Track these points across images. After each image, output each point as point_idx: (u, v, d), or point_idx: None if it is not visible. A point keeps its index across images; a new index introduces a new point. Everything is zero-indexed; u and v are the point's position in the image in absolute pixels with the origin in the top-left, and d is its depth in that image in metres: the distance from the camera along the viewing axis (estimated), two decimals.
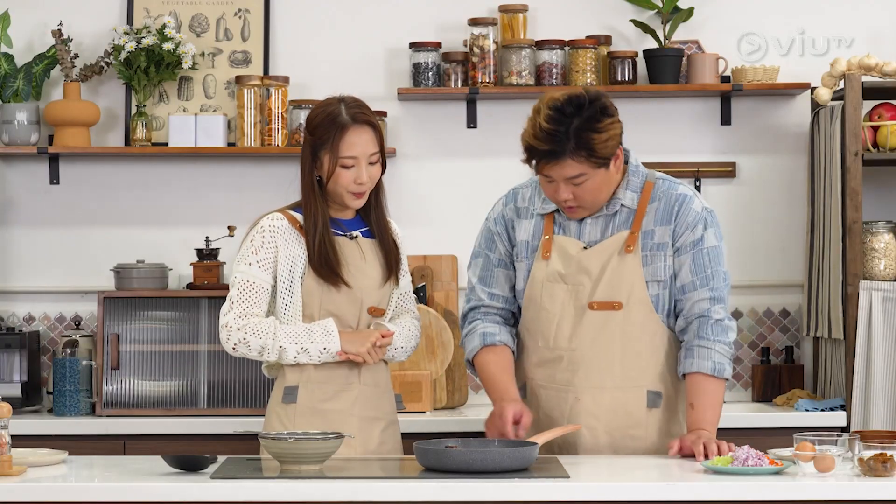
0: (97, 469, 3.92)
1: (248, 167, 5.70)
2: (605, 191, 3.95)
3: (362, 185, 4.07)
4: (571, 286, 3.99)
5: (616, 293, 3.96)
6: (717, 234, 4.01)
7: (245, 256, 4.10)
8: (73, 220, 5.69)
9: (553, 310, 4.00)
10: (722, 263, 4.01)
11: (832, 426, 5.14)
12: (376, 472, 3.74)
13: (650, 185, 4.02)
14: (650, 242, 3.98)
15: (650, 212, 3.99)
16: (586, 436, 4.00)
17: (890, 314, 5.22)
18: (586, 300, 3.98)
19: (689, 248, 3.97)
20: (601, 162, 3.87)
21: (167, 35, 5.53)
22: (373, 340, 4.07)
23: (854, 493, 3.49)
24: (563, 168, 3.87)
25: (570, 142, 3.83)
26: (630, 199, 4.00)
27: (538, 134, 3.85)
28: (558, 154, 3.84)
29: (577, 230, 4.02)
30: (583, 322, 3.98)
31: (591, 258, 3.98)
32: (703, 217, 3.99)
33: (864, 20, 5.72)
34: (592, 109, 3.85)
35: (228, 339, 4.07)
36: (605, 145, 3.85)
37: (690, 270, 3.97)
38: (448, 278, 5.63)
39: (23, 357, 5.41)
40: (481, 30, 5.56)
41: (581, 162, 3.85)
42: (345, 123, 4.05)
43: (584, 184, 3.89)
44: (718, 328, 3.97)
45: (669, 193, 4.01)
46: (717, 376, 3.94)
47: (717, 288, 3.99)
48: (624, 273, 3.96)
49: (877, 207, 5.64)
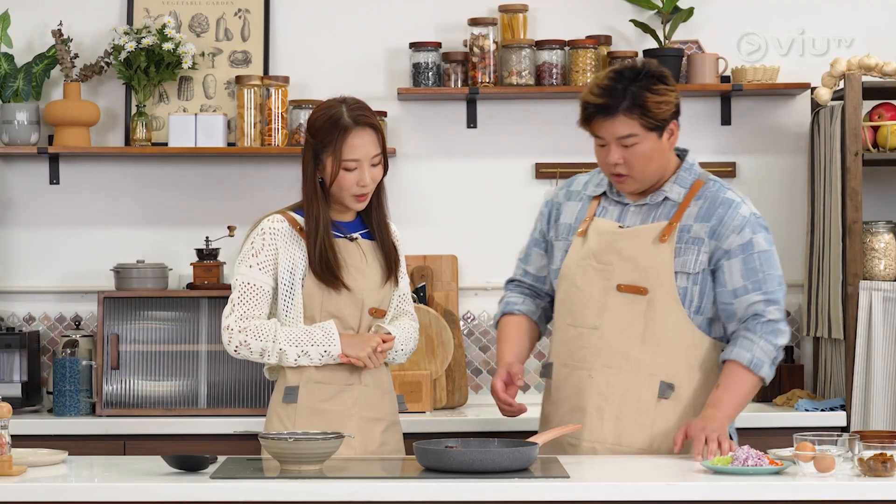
0: (97, 469, 3.92)
1: (248, 167, 5.70)
2: (655, 162, 3.98)
3: (365, 188, 4.07)
4: (602, 265, 4.02)
5: (644, 278, 3.97)
6: (766, 238, 4.00)
7: (246, 259, 4.10)
8: (73, 220, 5.69)
9: (583, 288, 4.04)
10: (774, 267, 4.00)
11: (832, 426, 5.14)
12: (376, 472, 3.74)
13: (699, 184, 4.05)
14: (686, 236, 3.99)
15: (692, 207, 4.01)
16: (593, 415, 4.01)
17: (890, 314, 5.22)
18: (615, 281, 4.00)
19: (738, 252, 3.96)
20: (653, 124, 3.93)
21: (167, 35, 5.53)
22: (373, 345, 4.08)
23: (854, 493, 3.50)
24: (614, 125, 3.93)
25: (626, 100, 3.92)
26: (676, 194, 4.03)
27: (594, 90, 3.96)
28: (611, 109, 3.92)
29: (619, 215, 4.07)
30: (608, 302, 4.00)
31: (624, 240, 4.01)
32: (751, 221, 3.99)
33: (864, 20, 5.72)
34: (651, 75, 3.96)
35: (230, 342, 4.07)
36: (659, 107, 3.93)
37: (742, 275, 3.96)
38: (448, 278, 5.63)
39: (23, 357, 5.41)
40: (481, 30, 5.56)
41: (633, 120, 3.92)
42: (347, 126, 4.05)
43: (634, 147, 3.94)
44: (769, 327, 3.95)
45: (717, 195, 4.02)
46: (753, 370, 3.93)
47: (770, 291, 3.97)
48: (654, 260, 3.97)
49: (877, 207, 5.64)
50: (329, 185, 4.07)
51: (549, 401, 4.15)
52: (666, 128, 3.97)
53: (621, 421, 3.99)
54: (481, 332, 5.69)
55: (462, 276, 5.68)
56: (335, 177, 4.05)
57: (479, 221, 5.72)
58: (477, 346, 5.69)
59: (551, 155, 5.71)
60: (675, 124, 4.01)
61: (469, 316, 5.69)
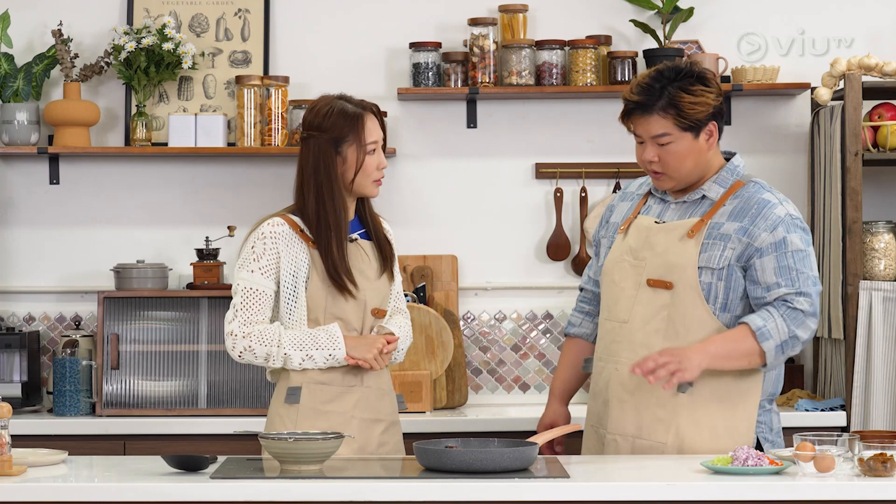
0: (97, 469, 3.92)
1: (248, 167, 5.70)
2: (691, 161, 4.00)
3: (383, 170, 4.11)
4: (638, 261, 4.05)
5: (670, 273, 3.99)
6: (803, 239, 3.99)
7: (247, 263, 4.10)
8: (73, 220, 5.69)
9: (619, 282, 4.08)
10: (809, 267, 3.97)
11: (832, 426, 5.14)
12: (376, 472, 3.74)
13: (739, 184, 4.06)
14: (715, 232, 4.00)
15: (727, 205, 4.03)
16: (616, 408, 4.03)
17: (890, 314, 5.22)
18: (646, 276, 4.03)
19: (770, 249, 3.95)
20: (687, 124, 3.96)
21: (167, 35, 5.53)
22: (379, 347, 4.08)
23: (854, 493, 3.50)
24: (649, 124, 3.97)
25: (661, 99, 3.96)
26: (715, 192, 4.05)
27: (634, 88, 4.01)
28: (647, 107, 3.97)
29: (660, 212, 4.10)
30: (639, 297, 4.03)
31: (658, 235, 4.04)
32: (786, 221, 3.97)
33: (864, 20, 5.72)
34: (690, 75, 3.99)
35: (234, 347, 4.07)
36: (694, 108, 3.96)
37: (775, 272, 3.95)
38: (448, 278, 5.63)
39: (23, 357, 5.41)
40: (481, 30, 5.56)
41: (668, 119, 3.96)
42: (359, 112, 4.09)
43: (669, 146, 3.98)
44: (792, 314, 3.93)
45: (753, 195, 4.03)
46: (757, 337, 3.90)
47: (804, 287, 3.95)
48: (681, 255, 3.99)
49: (877, 207, 5.64)
50: (353, 174, 4.08)
51: (590, 394, 4.20)
52: (703, 128, 3.99)
53: (641, 413, 4.00)
54: (481, 332, 5.69)
55: (462, 276, 5.68)
56: (361, 163, 4.07)
57: (479, 221, 5.72)
58: (477, 347, 5.68)
59: (551, 155, 5.71)
60: (715, 126, 4.02)
61: (469, 316, 5.69)
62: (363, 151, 4.07)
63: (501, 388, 5.67)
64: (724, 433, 3.98)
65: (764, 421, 4.07)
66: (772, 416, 4.10)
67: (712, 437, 3.97)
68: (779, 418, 4.13)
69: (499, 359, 5.69)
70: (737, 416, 3.99)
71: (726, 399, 3.98)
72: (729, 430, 3.98)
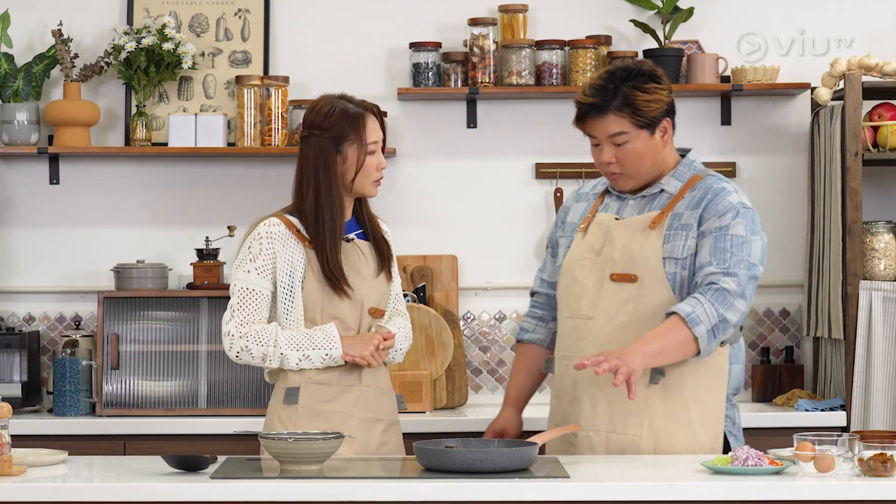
0: (97, 469, 3.92)
1: (248, 167, 5.70)
2: (648, 159, 4.03)
3: (383, 170, 4.11)
4: (600, 258, 4.06)
5: (633, 266, 4.00)
6: (748, 227, 3.99)
7: (243, 263, 4.10)
8: (73, 220, 5.69)
9: (580, 279, 4.08)
10: (747, 253, 3.96)
11: (832, 426, 5.14)
12: (376, 472, 3.74)
13: (696, 178, 4.08)
14: (676, 223, 4.02)
15: (686, 197, 4.05)
16: (587, 404, 4.03)
17: (890, 314, 5.22)
18: (609, 271, 4.03)
19: (712, 232, 3.98)
20: (643, 122, 3.98)
21: (167, 35, 5.53)
22: (375, 344, 4.08)
23: (854, 493, 3.50)
24: (605, 124, 3.99)
25: (616, 98, 3.98)
26: (673, 187, 4.08)
27: (587, 90, 4.03)
28: (602, 108, 3.99)
29: (618, 208, 4.12)
30: (602, 292, 4.03)
31: (619, 230, 4.05)
32: (736, 208, 3.99)
33: (864, 20, 5.72)
34: (642, 73, 4.02)
35: (231, 348, 4.08)
36: (649, 105, 3.98)
37: (710, 252, 3.96)
38: (448, 278, 5.63)
39: (23, 357, 5.41)
40: (481, 30, 5.56)
41: (623, 118, 3.98)
42: (361, 112, 4.10)
43: (625, 145, 4.00)
44: (720, 296, 3.91)
45: (710, 185, 4.05)
46: (688, 324, 3.87)
47: (732, 268, 3.94)
48: (644, 247, 4.00)
49: (877, 207, 5.64)
50: (353, 174, 4.08)
51: (553, 394, 4.19)
52: (658, 126, 4.02)
53: (614, 408, 4.00)
54: (481, 332, 5.69)
55: (462, 276, 5.68)
56: (362, 163, 4.07)
57: (479, 221, 5.72)
58: (477, 347, 5.69)
59: (551, 155, 5.71)
60: (669, 122, 4.05)
61: (469, 316, 5.69)
62: (364, 151, 4.08)
63: (501, 388, 5.67)
64: (699, 425, 3.99)
65: (729, 415, 4.08)
66: (735, 411, 4.12)
67: (687, 429, 3.98)
68: (739, 414, 4.14)
69: (499, 359, 5.69)
70: (709, 408, 4.00)
71: (698, 391, 3.98)
72: (702, 421, 3.99)
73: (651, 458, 3.91)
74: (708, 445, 4.00)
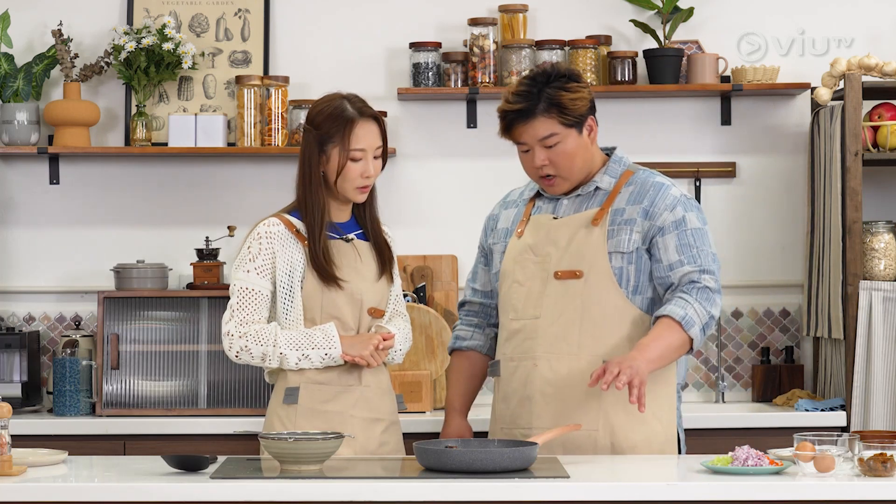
0: (97, 469, 3.92)
1: (248, 167, 5.70)
2: (580, 158, 4.06)
3: (369, 179, 4.10)
4: (540, 257, 4.08)
5: (578, 262, 4.02)
6: (699, 217, 4.06)
7: (243, 263, 4.11)
8: (73, 220, 5.69)
9: (523, 281, 4.10)
10: (708, 244, 4.05)
11: (832, 426, 5.14)
12: (376, 472, 3.74)
13: (629, 173, 4.12)
14: (618, 218, 4.05)
15: (623, 193, 4.09)
16: (539, 402, 4.04)
17: (890, 314, 5.22)
18: (552, 269, 4.05)
19: (671, 228, 4.02)
20: (571, 121, 4.02)
21: (167, 35, 5.53)
22: (375, 344, 4.08)
23: (854, 493, 3.50)
24: (534, 128, 4.02)
25: (542, 102, 4.01)
26: (607, 183, 4.11)
27: (509, 98, 4.05)
28: (529, 112, 4.01)
29: (554, 209, 4.14)
30: (547, 290, 4.05)
31: (560, 229, 4.08)
32: (682, 200, 4.05)
33: (864, 20, 5.72)
34: (561, 75, 4.04)
35: (231, 348, 4.08)
36: (574, 104, 4.01)
37: (676, 250, 4.01)
38: (448, 278, 5.63)
39: (23, 357, 5.41)
40: (481, 30, 5.56)
41: (552, 119, 4.01)
42: (353, 117, 4.08)
43: (556, 147, 4.02)
44: (704, 294, 3.98)
45: (646, 180, 4.10)
46: (684, 327, 3.92)
47: (705, 264, 4.01)
48: (588, 244, 4.03)
49: (877, 207, 5.64)
50: (335, 177, 4.08)
51: (498, 398, 4.20)
52: (584, 123, 4.05)
53: (568, 405, 4.01)
54: None
55: (462, 276, 5.68)
56: (342, 168, 4.07)
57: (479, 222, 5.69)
58: None
59: None
60: (593, 119, 4.08)
61: None
62: (346, 156, 4.07)
63: None
64: (652, 417, 4.00)
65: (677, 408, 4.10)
66: (681, 406, 4.15)
67: (640, 421, 3.98)
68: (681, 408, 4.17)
69: None
70: (661, 400, 4.02)
71: (649, 383, 3.96)
72: (655, 413, 4.00)
73: (651, 458, 3.92)
74: (663, 436, 4.02)
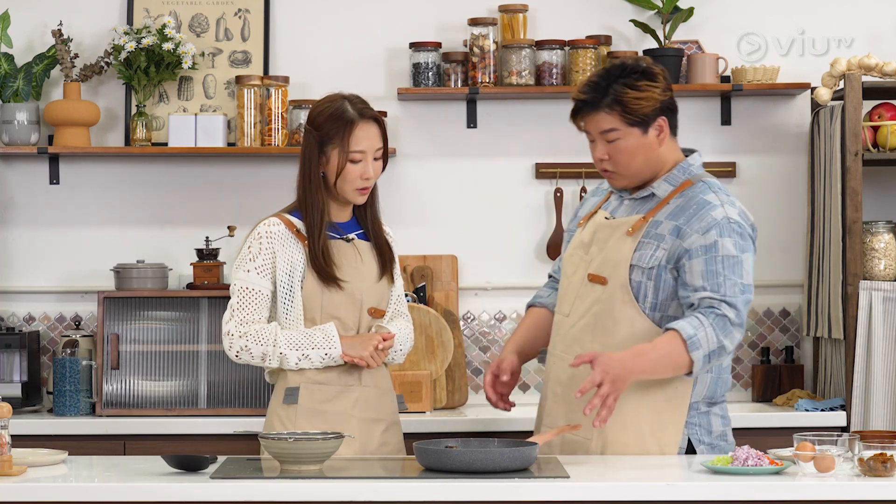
0: (97, 469, 3.92)
1: (248, 167, 5.70)
2: (641, 158, 3.99)
3: (368, 180, 4.10)
4: (586, 256, 4.06)
5: (606, 268, 3.99)
6: (737, 244, 3.90)
7: (243, 263, 4.11)
8: (73, 220, 5.69)
9: (570, 276, 4.09)
10: (739, 274, 3.89)
11: (832, 426, 5.14)
12: (376, 472, 3.74)
13: (687, 183, 4.02)
14: (653, 231, 3.97)
15: (671, 204, 3.99)
16: (550, 400, 4.07)
17: (890, 314, 5.22)
18: (587, 270, 4.03)
19: (699, 252, 3.89)
20: (634, 120, 3.96)
21: (167, 35, 5.53)
22: (374, 344, 4.08)
23: (854, 493, 3.50)
24: (597, 121, 3.99)
25: (608, 96, 3.96)
26: (663, 190, 4.02)
27: (581, 87, 4.03)
28: (593, 104, 3.98)
29: (615, 208, 4.10)
30: (580, 291, 4.04)
31: (605, 230, 4.05)
32: (721, 224, 3.90)
33: (864, 20, 5.72)
34: (636, 71, 4.00)
35: (231, 347, 4.08)
36: (639, 103, 3.95)
37: (702, 275, 3.88)
38: (448, 278, 5.63)
39: (23, 357, 5.41)
40: (481, 30, 5.56)
41: (614, 115, 3.96)
42: (353, 118, 4.08)
43: (617, 142, 3.97)
44: (721, 322, 3.85)
45: (695, 196, 3.97)
46: (688, 347, 3.81)
47: (730, 295, 3.86)
48: (618, 251, 3.99)
49: (877, 207, 5.64)
50: (334, 178, 4.08)
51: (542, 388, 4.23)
52: (651, 123, 3.98)
53: (571, 408, 4.01)
54: (481, 332, 5.69)
55: (462, 276, 5.68)
56: (341, 169, 4.07)
57: (479, 221, 5.73)
58: (477, 347, 5.69)
59: (551, 155, 5.71)
60: (664, 120, 3.99)
61: (469, 316, 5.69)
62: (345, 158, 4.07)
63: None
64: (650, 435, 3.95)
65: (699, 423, 3.99)
66: (710, 419, 4.02)
67: (637, 439, 3.94)
68: (724, 421, 4.05)
69: None
70: (664, 419, 3.95)
71: (655, 402, 3.94)
72: (654, 432, 3.95)
73: (651, 458, 3.91)
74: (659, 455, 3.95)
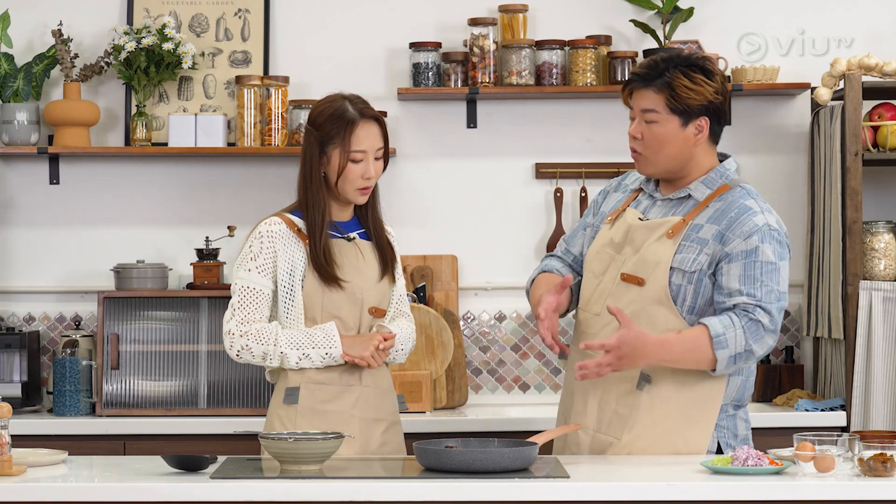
0: (97, 469, 3.92)
1: (248, 167, 5.70)
2: (672, 148, 3.97)
3: (369, 180, 4.10)
4: (618, 255, 4.02)
5: (644, 269, 3.96)
6: (776, 252, 3.91)
7: (244, 262, 4.11)
8: (73, 220, 5.69)
9: (598, 275, 4.05)
10: (776, 282, 3.89)
11: (832, 426, 5.14)
12: (376, 472, 3.74)
13: (724, 188, 4.00)
14: (693, 235, 3.95)
15: (710, 208, 3.97)
16: (579, 401, 4.04)
17: (890, 314, 5.22)
18: (622, 270, 4.00)
19: (739, 256, 3.88)
20: (677, 107, 3.94)
21: (167, 35, 5.53)
22: (375, 344, 4.08)
23: (854, 493, 3.50)
24: (643, 96, 3.97)
25: (661, 78, 3.95)
26: (700, 193, 4.00)
27: (641, 63, 4.02)
28: (645, 80, 3.97)
29: (646, 208, 4.06)
30: (613, 291, 4.00)
31: (639, 230, 4.01)
32: (762, 231, 3.90)
33: (864, 20, 5.72)
34: (696, 63, 3.98)
35: (231, 347, 4.08)
36: (688, 93, 3.94)
37: (739, 279, 3.88)
38: (448, 278, 5.63)
39: (23, 357, 5.41)
40: (481, 30, 5.56)
41: (661, 96, 3.95)
42: (354, 118, 4.08)
43: (654, 125, 3.96)
44: (753, 326, 3.85)
45: (735, 201, 3.96)
46: (713, 345, 3.83)
47: (765, 300, 3.87)
48: (657, 253, 3.95)
49: (877, 207, 5.64)
50: (336, 178, 4.08)
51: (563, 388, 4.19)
52: (693, 119, 3.95)
53: (603, 408, 4.00)
54: (481, 332, 5.69)
55: (462, 276, 5.68)
56: (342, 169, 4.07)
57: (479, 221, 5.72)
58: (477, 347, 5.68)
59: (551, 155, 5.71)
60: (706, 121, 3.96)
61: (469, 316, 5.69)
62: (346, 158, 4.07)
63: (501, 388, 5.67)
64: (678, 436, 3.94)
65: (727, 426, 3.99)
66: (737, 422, 4.02)
67: (667, 440, 3.94)
68: (746, 425, 4.06)
69: (499, 359, 5.69)
70: (695, 421, 3.94)
71: (687, 403, 3.94)
72: (684, 434, 3.94)
73: (651, 458, 3.91)
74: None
